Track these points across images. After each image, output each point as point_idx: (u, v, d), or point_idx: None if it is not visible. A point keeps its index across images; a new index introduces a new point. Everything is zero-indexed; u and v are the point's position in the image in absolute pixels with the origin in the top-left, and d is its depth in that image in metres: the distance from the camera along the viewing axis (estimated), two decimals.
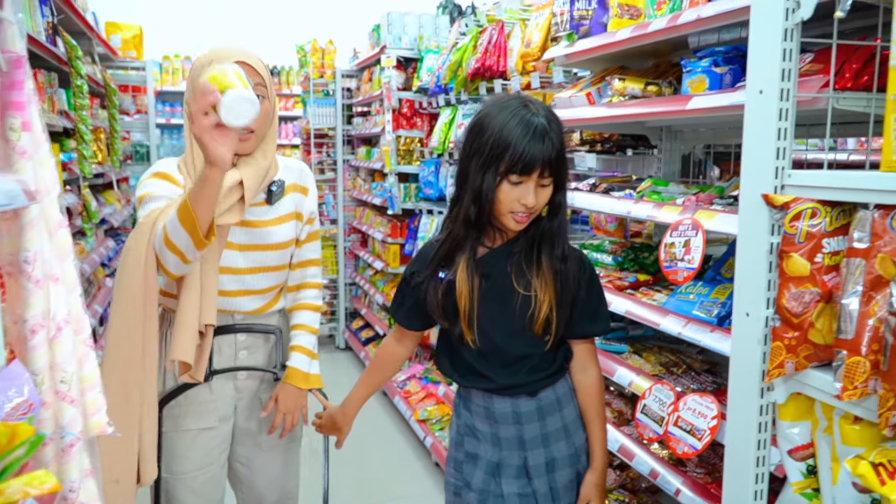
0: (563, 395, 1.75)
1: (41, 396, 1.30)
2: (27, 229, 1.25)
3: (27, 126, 1.23)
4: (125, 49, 5.76)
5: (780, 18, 1.44)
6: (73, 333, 1.36)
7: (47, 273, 1.29)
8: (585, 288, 1.70)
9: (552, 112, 1.58)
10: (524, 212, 1.58)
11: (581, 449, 1.77)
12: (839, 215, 1.42)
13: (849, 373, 1.30)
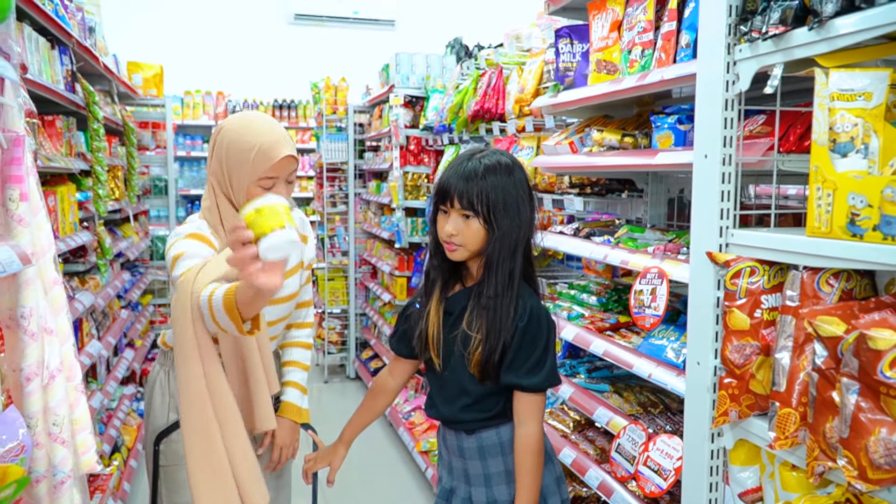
0: (510, 441, 1.76)
1: (35, 438, 1.43)
2: (24, 288, 1.39)
3: (24, 197, 1.37)
4: (146, 87, 6.00)
5: (720, 90, 1.55)
6: (66, 380, 1.50)
7: (42, 326, 1.43)
8: (519, 337, 1.68)
9: (502, 164, 1.67)
10: (448, 240, 1.70)
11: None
12: (777, 273, 1.51)
13: (781, 423, 1.39)
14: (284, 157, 1.84)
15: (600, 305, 2.72)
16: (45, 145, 3.36)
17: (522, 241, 1.70)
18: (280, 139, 1.85)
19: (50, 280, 1.49)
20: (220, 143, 1.88)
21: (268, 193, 1.59)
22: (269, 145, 1.82)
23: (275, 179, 1.85)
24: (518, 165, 1.72)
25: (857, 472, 1.20)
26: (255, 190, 1.83)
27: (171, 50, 7.62)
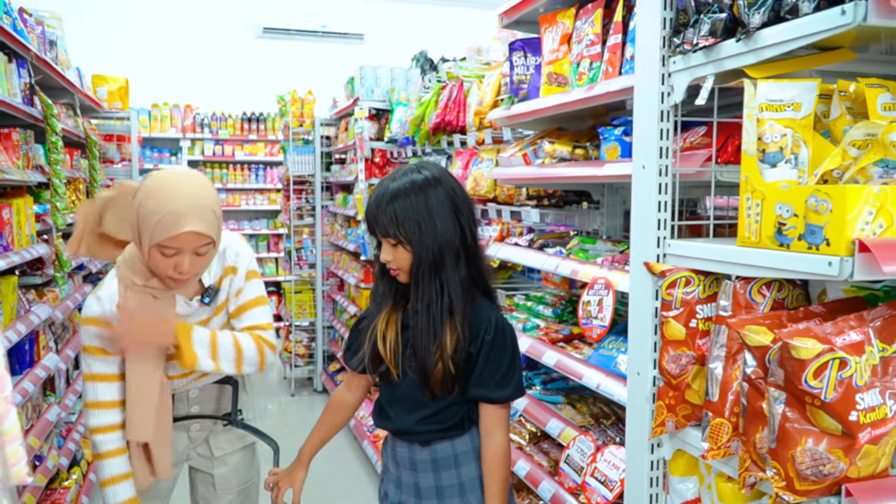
0: (464, 453, 1.78)
1: None
2: None
3: None
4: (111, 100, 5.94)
5: (656, 101, 1.56)
6: None
7: None
8: (486, 350, 1.71)
9: (415, 183, 1.68)
10: (390, 267, 1.73)
11: None
12: (712, 284, 1.52)
13: (713, 433, 1.39)
14: (186, 232, 1.75)
15: (555, 317, 2.72)
16: (1, 158, 3.30)
17: (450, 254, 1.69)
18: (186, 213, 1.76)
19: None
20: (136, 197, 1.82)
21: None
22: (172, 217, 1.75)
23: (177, 251, 1.79)
24: (436, 180, 1.71)
25: (784, 482, 1.20)
26: (156, 255, 1.79)
27: (139, 63, 7.56)
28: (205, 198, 1.80)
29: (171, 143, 7.86)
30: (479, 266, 1.79)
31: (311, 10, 8.25)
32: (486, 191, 3.38)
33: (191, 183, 1.81)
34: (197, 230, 1.77)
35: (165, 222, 1.74)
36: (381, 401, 1.89)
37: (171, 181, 1.80)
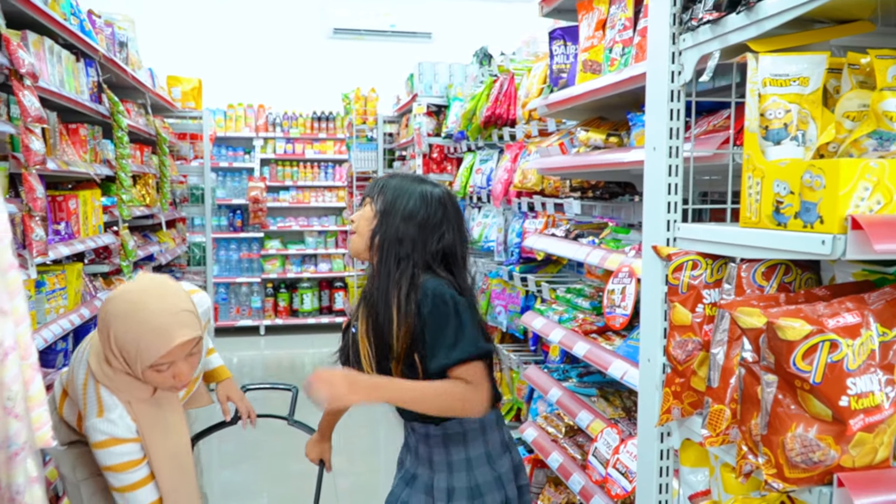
0: (471, 431, 1.85)
1: None
2: None
3: None
4: (185, 100, 6.19)
5: (666, 80, 1.52)
6: (20, 359, 1.56)
7: None
8: (429, 322, 1.74)
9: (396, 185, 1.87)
10: (350, 229, 1.93)
11: (441, 492, 1.84)
12: (720, 268, 1.47)
13: (712, 420, 1.35)
14: (176, 346, 1.78)
15: (592, 309, 2.68)
16: (68, 151, 3.51)
17: (409, 241, 1.80)
18: (168, 327, 1.77)
19: (7, 264, 1.55)
20: (104, 325, 1.83)
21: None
22: (155, 336, 1.76)
23: (170, 363, 1.82)
24: (432, 195, 1.85)
25: (775, 469, 1.15)
26: (151, 375, 1.82)
27: (215, 64, 7.85)
28: (175, 302, 1.82)
29: (245, 141, 8.13)
30: (452, 261, 1.87)
31: (380, 10, 8.37)
32: (533, 183, 3.36)
33: (156, 294, 1.82)
34: (186, 338, 1.79)
35: (152, 345, 1.76)
36: None
37: (136, 302, 1.80)
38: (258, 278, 8.08)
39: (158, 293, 1.82)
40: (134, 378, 1.86)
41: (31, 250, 2.65)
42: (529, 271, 3.40)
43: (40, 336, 2.74)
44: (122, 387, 1.87)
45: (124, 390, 1.87)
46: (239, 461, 4.57)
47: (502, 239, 3.84)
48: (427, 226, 1.81)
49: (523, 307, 3.52)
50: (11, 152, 2.70)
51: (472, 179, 4.35)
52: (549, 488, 2.85)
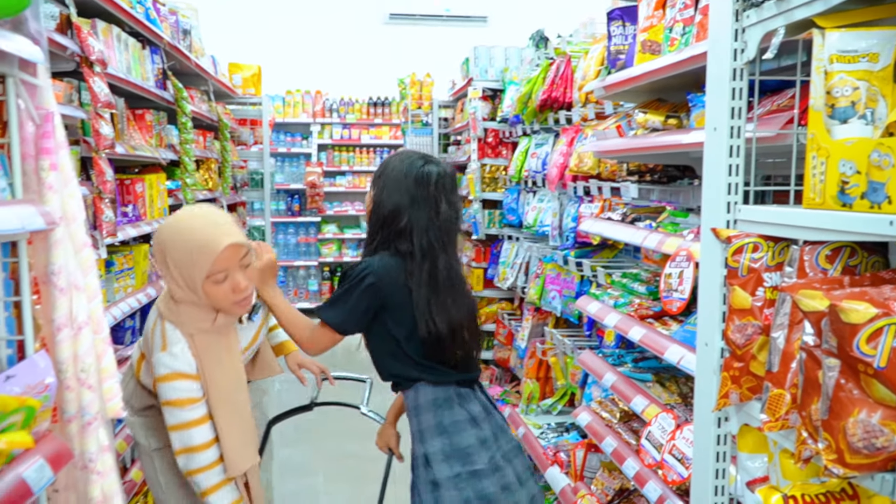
0: (430, 402, 2.06)
1: (66, 382, 1.57)
2: (54, 248, 1.53)
3: (54, 167, 1.51)
4: (245, 87, 6.32)
5: (728, 59, 1.49)
6: (93, 333, 1.63)
7: (71, 283, 1.56)
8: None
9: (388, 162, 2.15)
10: None
11: (420, 458, 2.04)
12: (782, 250, 1.44)
13: (771, 405, 1.33)
14: (227, 248, 1.83)
15: (649, 294, 2.65)
16: (135, 136, 3.62)
17: (391, 220, 2.04)
18: (215, 233, 1.85)
19: (80, 243, 1.62)
20: (161, 255, 1.90)
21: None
22: (204, 243, 1.83)
23: (226, 272, 1.86)
24: (423, 171, 2.06)
25: (835, 455, 1.13)
26: (211, 288, 1.86)
27: (274, 51, 7.98)
28: (218, 217, 1.91)
29: (303, 127, 8.25)
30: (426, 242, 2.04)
31: None
32: (589, 167, 3.33)
33: (199, 213, 1.92)
34: (234, 241, 1.86)
35: (203, 253, 1.83)
36: None
37: (181, 220, 1.92)
38: (315, 262, 8.22)
39: (201, 212, 1.94)
40: (196, 307, 1.92)
41: (101, 231, 2.76)
42: (584, 256, 3.38)
43: (110, 314, 2.85)
44: (185, 318, 1.93)
45: (187, 322, 1.93)
46: (297, 441, 4.68)
47: (557, 223, 3.82)
48: (397, 208, 2.04)
49: (578, 292, 3.50)
50: (83, 137, 2.80)
51: (527, 163, 4.33)
52: (602, 473, 2.85)
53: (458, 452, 2.00)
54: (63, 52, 2.50)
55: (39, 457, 1.36)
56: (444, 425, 2.02)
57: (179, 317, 1.94)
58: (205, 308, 1.93)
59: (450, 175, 2.12)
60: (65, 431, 1.61)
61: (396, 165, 2.09)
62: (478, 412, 2.07)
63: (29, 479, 1.30)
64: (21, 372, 1.40)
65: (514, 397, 4.65)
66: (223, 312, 1.95)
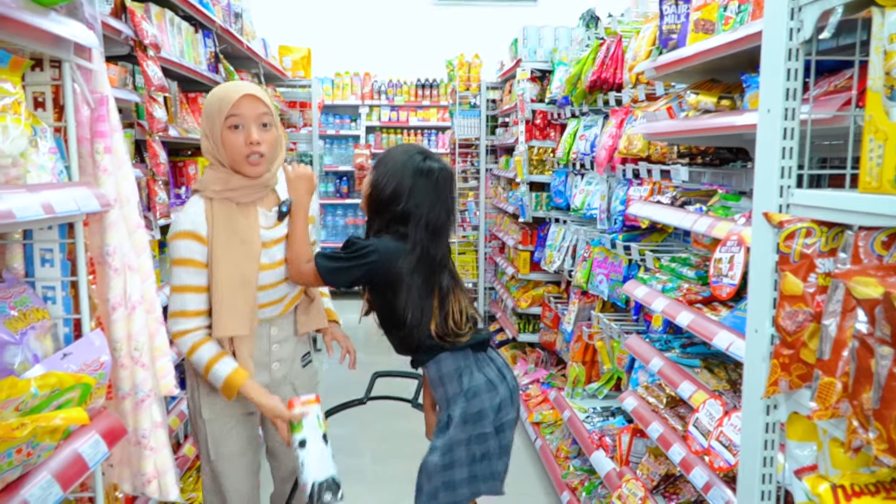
0: (447, 373, 2.20)
1: (120, 360, 1.64)
2: (109, 229, 1.58)
3: (109, 150, 1.56)
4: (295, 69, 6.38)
5: (783, 38, 1.45)
6: (146, 312, 1.69)
7: (125, 263, 1.62)
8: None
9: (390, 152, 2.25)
10: None
11: (443, 421, 2.20)
12: (836, 236, 1.40)
13: (822, 393, 1.30)
14: (243, 97, 2.01)
15: (698, 279, 2.60)
16: (188, 119, 3.70)
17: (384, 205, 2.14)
18: (240, 85, 2.07)
19: (134, 224, 1.68)
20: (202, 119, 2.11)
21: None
22: (225, 92, 2.05)
23: (240, 119, 2.00)
24: (423, 165, 2.15)
25: (886, 445, 1.11)
26: (227, 134, 2.00)
27: (323, 33, 8.03)
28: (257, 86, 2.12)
29: (351, 109, 8.30)
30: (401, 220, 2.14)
31: None
32: (639, 150, 3.28)
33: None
34: (253, 93, 2.03)
35: (225, 97, 2.02)
36: None
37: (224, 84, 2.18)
38: None
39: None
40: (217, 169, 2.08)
41: (154, 212, 2.83)
42: (633, 239, 3.33)
43: (162, 293, 2.92)
44: (207, 182, 2.08)
45: (208, 184, 2.07)
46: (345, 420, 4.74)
47: (605, 206, 3.77)
48: (396, 193, 2.12)
49: (625, 276, 3.46)
50: (137, 120, 2.87)
51: (575, 146, 4.28)
52: (648, 458, 2.83)
53: (473, 417, 2.16)
54: (117, 36, 2.55)
55: (95, 432, 1.42)
56: (466, 390, 2.17)
57: (205, 182, 2.09)
58: (224, 170, 2.06)
59: (448, 173, 2.24)
60: (119, 408, 1.68)
61: (398, 156, 2.19)
62: (494, 376, 2.22)
63: (85, 453, 1.36)
64: (77, 350, 1.46)
65: (559, 381, 4.64)
66: (239, 171, 2.05)
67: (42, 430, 1.24)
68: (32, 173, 1.36)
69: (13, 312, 1.42)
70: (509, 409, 2.26)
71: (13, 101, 1.28)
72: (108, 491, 2.17)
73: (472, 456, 2.19)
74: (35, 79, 1.53)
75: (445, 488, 2.20)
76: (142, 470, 1.72)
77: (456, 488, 2.20)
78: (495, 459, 2.25)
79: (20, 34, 1.33)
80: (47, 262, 1.56)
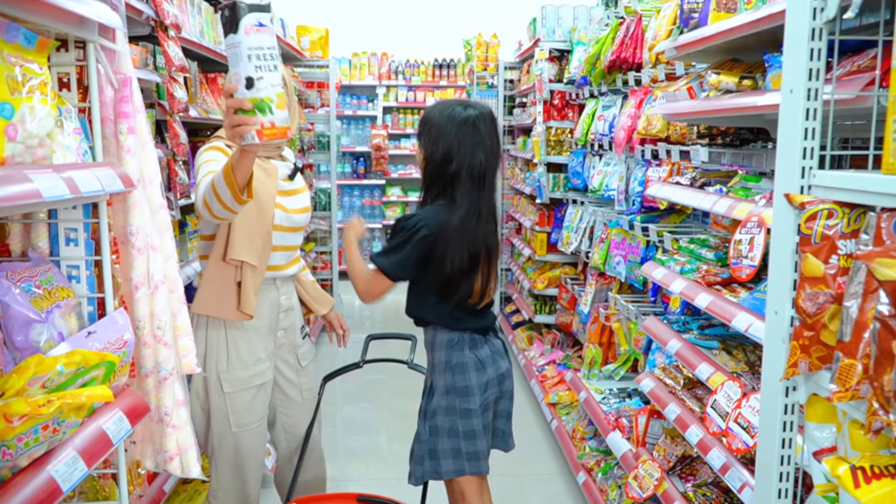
0: (441, 342, 2.28)
1: (143, 338, 1.66)
2: (132, 209, 1.60)
3: (132, 130, 1.57)
4: (312, 49, 6.37)
5: (807, 18, 1.43)
6: (169, 292, 1.71)
7: (148, 243, 1.64)
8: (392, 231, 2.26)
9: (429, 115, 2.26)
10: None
11: (428, 389, 2.34)
12: (858, 217, 1.39)
13: (842, 375, 1.30)
14: None
15: (717, 260, 2.59)
16: (208, 100, 3.71)
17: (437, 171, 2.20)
18: None
19: (156, 204, 1.69)
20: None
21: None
22: None
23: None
24: (464, 116, 2.17)
25: None
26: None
27: (340, 13, 8.00)
28: None
29: (369, 90, 8.29)
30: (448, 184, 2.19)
31: None
32: (658, 130, 3.26)
33: None
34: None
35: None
36: None
37: None
38: (380, 224, 8.31)
39: None
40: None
41: (175, 193, 2.85)
42: (651, 221, 3.32)
43: (184, 273, 2.95)
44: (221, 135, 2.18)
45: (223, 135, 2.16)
46: (360, 399, 4.80)
47: (623, 187, 3.75)
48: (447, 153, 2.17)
49: (643, 258, 3.45)
50: (157, 100, 2.89)
51: (593, 126, 4.25)
52: (664, 439, 2.83)
53: (457, 390, 2.25)
54: (139, 16, 2.56)
55: (118, 410, 1.45)
56: (452, 364, 2.26)
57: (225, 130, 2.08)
58: None
59: (489, 115, 2.26)
60: (142, 386, 1.71)
61: (437, 116, 2.21)
62: (485, 356, 2.30)
63: (109, 430, 1.38)
64: (101, 328, 1.48)
65: (575, 362, 4.65)
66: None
67: (68, 406, 1.26)
68: (58, 153, 1.38)
69: (38, 291, 1.44)
70: (495, 389, 2.33)
71: (40, 81, 1.29)
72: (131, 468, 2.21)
73: (454, 429, 2.25)
74: (60, 59, 1.55)
75: (430, 456, 2.27)
76: (164, 447, 1.75)
77: (440, 458, 2.26)
78: (479, 439, 2.28)
79: (46, 15, 1.34)
80: (72, 242, 1.59)
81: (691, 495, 2.50)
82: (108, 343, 1.46)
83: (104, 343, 1.46)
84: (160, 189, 1.71)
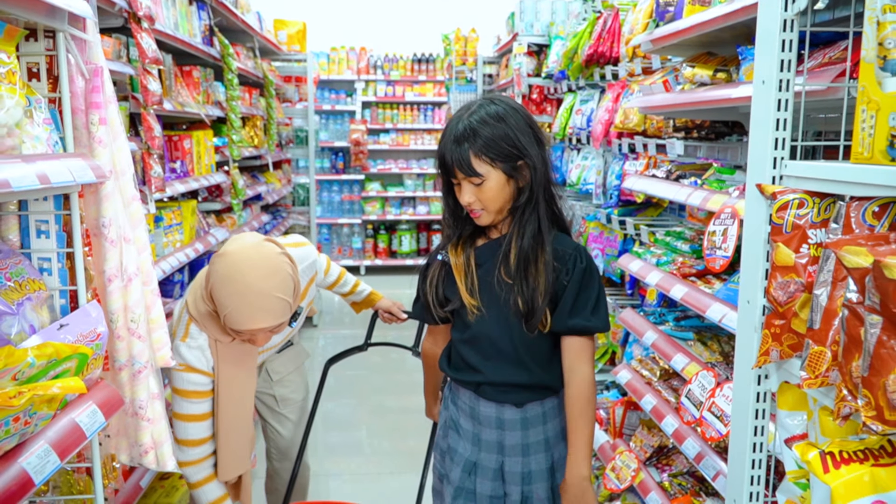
0: (550, 409, 1.81)
1: (116, 331, 1.64)
2: (104, 200, 1.58)
3: (103, 121, 1.55)
4: (290, 43, 6.33)
5: (778, 9, 1.44)
6: (142, 284, 1.69)
7: (121, 235, 1.62)
8: (578, 280, 1.70)
9: (492, 115, 1.62)
10: (469, 208, 1.69)
11: (559, 463, 1.80)
12: (828, 207, 1.41)
13: (812, 362, 1.32)
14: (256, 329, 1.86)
15: (692, 252, 2.62)
16: (182, 93, 3.67)
17: (539, 187, 1.68)
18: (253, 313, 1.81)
19: (129, 196, 1.68)
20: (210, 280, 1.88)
21: None
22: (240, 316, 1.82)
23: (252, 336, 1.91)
24: (513, 110, 1.67)
25: (874, 412, 1.12)
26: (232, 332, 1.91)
27: (318, 7, 7.95)
28: (272, 288, 1.82)
29: (347, 84, 8.25)
30: (553, 198, 1.76)
31: None
32: (635, 124, 3.28)
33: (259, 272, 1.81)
34: (265, 326, 1.86)
35: (235, 319, 1.83)
36: (458, 353, 1.83)
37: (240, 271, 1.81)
38: (359, 220, 8.29)
39: (262, 273, 1.82)
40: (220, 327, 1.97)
41: (150, 186, 2.82)
42: (628, 214, 3.34)
43: (159, 268, 2.93)
44: (209, 326, 1.98)
45: (210, 330, 1.98)
46: (340, 395, 4.79)
47: (601, 181, 3.77)
48: (544, 167, 1.69)
49: (621, 251, 3.48)
50: (131, 93, 2.86)
51: (571, 121, 4.27)
52: (641, 430, 2.86)
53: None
54: (111, 7, 2.53)
55: (92, 402, 1.43)
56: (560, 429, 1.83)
57: (204, 322, 1.97)
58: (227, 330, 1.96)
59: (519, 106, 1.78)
60: (116, 379, 1.69)
61: (524, 114, 1.69)
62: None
63: (82, 423, 1.37)
64: (74, 321, 1.47)
65: None
66: None
67: (39, 398, 1.25)
68: (27, 144, 1.36)
69: (9, 283, 1.42)
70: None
71: (8, 70, 1.27)
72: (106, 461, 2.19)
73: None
74: (29, 49, 1.52)
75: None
76: (139, 440, 1.74)
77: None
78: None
79: (14, 3, 1.33)
80: (43, 234, 1.57)
81: (667, 485, 2.53)
82: (81, 336, 1.45)
83: (77, 335, 1.44)
84: (133, 181, 1.69)
